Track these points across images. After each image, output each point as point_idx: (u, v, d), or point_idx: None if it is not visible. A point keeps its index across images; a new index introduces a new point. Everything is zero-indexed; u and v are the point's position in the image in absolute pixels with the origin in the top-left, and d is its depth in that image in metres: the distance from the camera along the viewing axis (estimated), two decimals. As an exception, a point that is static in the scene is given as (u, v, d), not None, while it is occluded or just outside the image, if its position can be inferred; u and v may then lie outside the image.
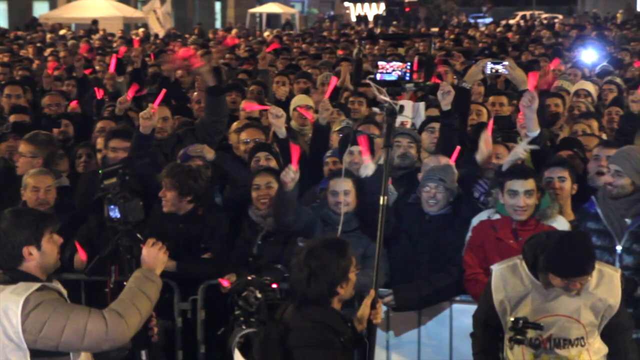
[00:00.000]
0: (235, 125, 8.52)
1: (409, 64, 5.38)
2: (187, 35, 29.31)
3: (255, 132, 7.95)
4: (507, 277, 5.02)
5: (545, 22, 42.99)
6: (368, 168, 6.22)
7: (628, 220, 5.95)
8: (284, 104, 9.92)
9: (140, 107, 10.26)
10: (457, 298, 6.29)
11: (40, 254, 4.48)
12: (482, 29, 34.02)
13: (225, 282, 5.57)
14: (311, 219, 6.42)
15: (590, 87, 10.30)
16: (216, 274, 6.18)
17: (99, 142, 7.76)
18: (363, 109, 10.01)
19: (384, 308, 6.24)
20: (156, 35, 28.22)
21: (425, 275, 6.22)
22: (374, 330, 5.06)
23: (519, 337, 4.96)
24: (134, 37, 28.55)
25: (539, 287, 4.90)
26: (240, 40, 26.31)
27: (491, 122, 7.19)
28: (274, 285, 4.97)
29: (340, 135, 7.82)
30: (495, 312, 5.09)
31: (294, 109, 9.46)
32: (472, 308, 6.10)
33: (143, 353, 4.81)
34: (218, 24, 47.04)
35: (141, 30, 30.83)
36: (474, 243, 6.10)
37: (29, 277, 4.44)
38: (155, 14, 30.02)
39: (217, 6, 49.69)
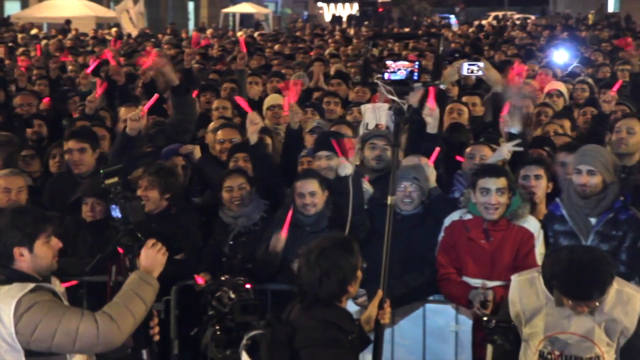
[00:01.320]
0: (212, 125, 8.51)
1: (416, 63, 5.36)
2: (160, 35, 29.21)
3: (230, 132, 7.93)
4: (523, 290, 4.91)
5: (517, 22, 43.18)
6: (346, 168, 6.22)
7: (593, 220, 6.02)
8: (257, 104, 9.91)
9: (113, 106, 10.24)
10: (431, 298, 6.30)
11: (32, 257, 4.45)
12: (456, 29, 34.15)
13: (200, 280, 5.56)
14: None
15: (562, 87, 10.35)
16: (189, 275, 6.17)
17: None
18: (338, 109, 10.01)
19: (356, 308, 6.25)
20: (129, 35, 28.10)
21: (398, 276, 6.22)
22: (382, 331, 5.03)
23: (494, 337, 4.96)
24: (106, 36, 28.46)
25: (553, 303, 4.76)
26: (213, 40, 26.27)
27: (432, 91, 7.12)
28: (248, 286, 4.97)
29: (313, 135, 7.82)
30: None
31: (267, 109, 9.45)
32: (445, 308, 6.14)
33: (144, 352, 4.75)
34: (191, 24, 46.91)
35: (114, 30, 30.69)
36: (446, 243, 6.12)
37: (23, 277, 4.41)
38: (128, 13, 29.87)
39: (191, 6, 49.52)
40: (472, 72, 7.37)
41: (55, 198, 7.21)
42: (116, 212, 4.82)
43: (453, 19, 50.36)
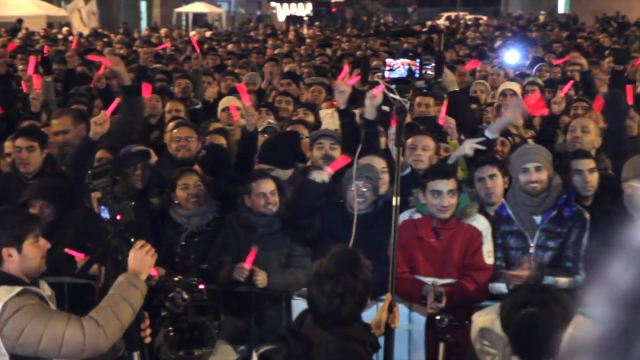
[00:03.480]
0: (171, 125, 8.48)
1: (417, 60, 5.31)
2: (112, 35, 29.01)
3: (186, 131, 7.88)
4: (483, 332, 4.88)
5: (470, 23, 43.52)
6: (323, 175, 6.16)
7: (537, 219, 6.10)
8: (212, 105, 9.88)
9: (66, 106, 10.15)
10: (383, 297, 6.31)
11: (21, 257, 4.37)
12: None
13: (154, 271, 5.52)
14: None
15: (516, 87, 10.44)
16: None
17: (7, 146, 7.64)
18: (290, 108, 10.02)
19: (306, 307, 6.25)
20: (80, 34, 27.86)
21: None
22: (392, 335, 4.98)
23: (446, 336, 4.99)
24: (59, 36, 28.19)
25: (509, 349, 4.50)
26: (167, 39, 26.14)
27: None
28: (201, 286, 4.95)
29: (265, 135, 7.82)
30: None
31: (222, 110, 9.42)
32: (399, 306, 6.15)
33: (135, 355, 4.69)
34: (144, 23, 46.64)
35: (65, 29, 30.43)
36: (399, 242, 6.14)
37: (11, 280, 4.32)
38: (79, 13, 29.65)
39: (143, 5, 49.25)
40: (426, 72, 7.38)
41: (1, 200, 7.11)
42: (105, 213, 4.76)
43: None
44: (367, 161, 6.72)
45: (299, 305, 6.40)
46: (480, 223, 6.08)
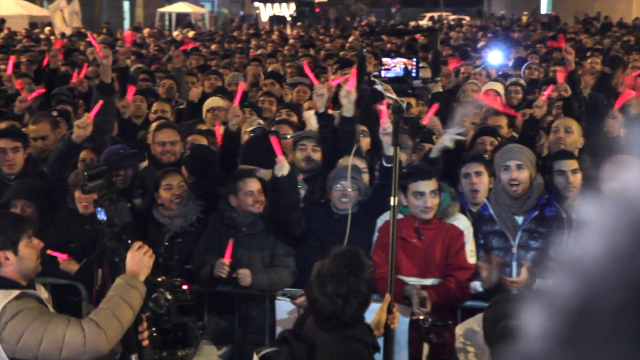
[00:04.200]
0: (154, 125, 8.45)
1: (414, 59, 5.30)
2: (95, 35, 28.91)
3: (170, 133, 7.83)
4: (467, 342, 4.89)
5: (452, 23, 43.61)
6: (283, 168, 6.18)
7: (519, 219, 6.12)
8: (197, 106, 9.85)
9: (49, 106, 10.13)
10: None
11: (18, 259, 4.34)
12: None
13: None
14: None
15: (499, 87, 10.45)
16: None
17: None
18: (273, 108, 10.01)
19: (290, 307, 6.26)
20: (63, 34, 27.76)
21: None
22: (392, 336, 4.97)
23: (430, 336, 4.99)
24: (41, 36, 28.08)
25: None
26: (150, 39, 26.07)
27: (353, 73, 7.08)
28: (185, 287, 4.94)
29: (252, 135, 7.81)
30: None
31: (207, 111, 9.39)
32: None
33: (133, 357, 4.68)
34: (127, 24, 46.52)
35: (47, 29, 30.31)
36: (381, 242, 6.15)
37: (7, 283, 4.29)
38: (61, 12, 29.54)
39: (126, 5, 49.12)
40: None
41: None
42: (101, 215, 4.73)
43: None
44: (348, 161, 6.72)
45: (282, 305, 6.40)
46: (462, 222, 6.10)
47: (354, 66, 9.01)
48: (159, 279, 4.93)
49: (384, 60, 5.28)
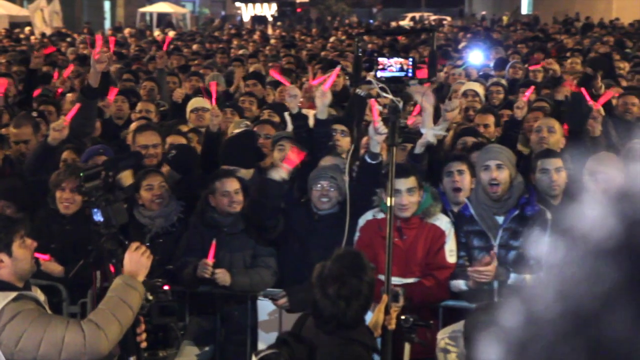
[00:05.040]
0: (134, 126, 8.41)
1: (410, 60, 5.29)
2: (76, 35, 28.81)
3: (151, 136, 7.68)
4: (447, 348, 4.89)
5: (434, 23, 43.70)
6: (283, 173, 6.12)
7: (500, 219, 6.15)
8: (181, 106, 9.82)
9: (30, 106, 10.10)
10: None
11: (12, 261, 4.31)
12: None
13: (112, 268, 5.48)
14: None
15: (478, 88, 10.48)
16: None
17: None
18: (254, 108, 10.00)
19: (271, 307, 6.26)
20: (43, 34, 27.65)
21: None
22: (389, 337, 4.94)
23: (411, 335, 5.00)
24: (21, 36, 27.94)
25: None
26: (131, 39, 26.00)
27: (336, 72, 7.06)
28: (166, 287, 4.93)
29: (231, 135, 7.80)
30: None
31: (191, 111, 9.34)
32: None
33: (132, 359, 4.67)
34: (107, 23, 46.37)
35: (27, 29, 30.17)
36: (362, 242, 6.15)
37: (4, 286, 4.26)
38: (41, 12, 29.43)
39: (107, 5, 48.96)
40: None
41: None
42: (98, 216, 4.70)
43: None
44: (328, 161, 6.73)
45: (264, 305, 6.40)
46: (443, 222, 6.11)
47: (338, 67, 9.00)
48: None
49: (380, 60, 5.29)
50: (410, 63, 5.26)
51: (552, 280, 0.91)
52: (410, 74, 5.25)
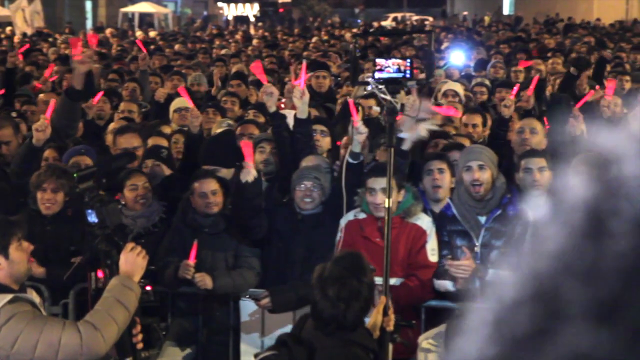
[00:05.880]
0: (112, 126, 8.37)
1: (408, 60, 5.29)
2: (57, 35, 28.68)
3: (130, 139, 7.64)
4: (431, 348, 4.86)
5: (415, 24, 43.77)
6: (249, 174, 6.12)
7: (482, 218, 6.17)
8: (164, 106, 9.79)
9: (10, 106, 10.06)
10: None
11: (9, 263, 4.29)
12: (355, 30, 34.45)
13: (101, 273, 5.46)
14: None
15: (458, 88, 10.49)
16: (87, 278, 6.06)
17: None
18: (236, 108, 9.98)
19: (254, 308, 6.25)
20: (24, 34, 27.50)
21: (300, 275, 6.25)
22: (387, 338, 4.93)
23: (394, 335, 5.00)
24: (1, 35, 27.80)
25: None
26: (113, 39, 25.91)
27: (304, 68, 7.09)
28: (148, 288, 4.92)
29: (212, 135, 7.79)
30: None
31: (174, 111, 9.31)
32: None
33: None
34: (89, 23, 46.20)
35: (8, 29, 30.01)
36: (345, 242, 6.15)
37: (0, 288, 4.24)
38: (22, 12, 29.28)
39: (88, 5, 48.76)
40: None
41: None
42: (92, 217, 4.68)
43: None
44: (311, 161, 6.72)
45: (247, 306, 6.39)
46: (425, 222, 6.12)
47: (304, 62, 9.01)
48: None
49: (378, 61, 5.30)
50: (408, 64, 5.27)
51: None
52: (408, 75, 5.26)
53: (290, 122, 7.00)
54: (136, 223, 6.66)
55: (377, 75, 5.26)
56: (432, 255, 6.07)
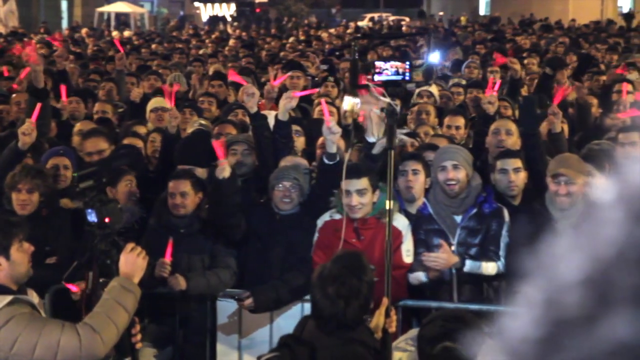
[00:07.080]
0: (79, 127, 8.32)
1: (407, 63, 5.30)
2: (32, 35, 28.53)
3: (98, 142, 7.57)
4: (407, 348, 4.86)
5: (392, 24, 43.86)
6: (224, 170, 6.13)
7: (458, 218, 6.20)
8: (139, 106, 9.75)
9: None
10: (308, 297, 6.33)
11: (10, 264, 4.26)
12: (332, 30, 34.49)
13: (74, 288, 5.44)
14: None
15: (433, 89, 10.50)
16: (62, 278, 6.03)
17: None
18: (213, 109, 9.96)
19: (231, 309, 6.24)
20: (-1, 34, 27.38)
21: (278, 275, 6.25)
22: (390, 339, 4.93)
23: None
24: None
25: None
26: (89, 39, 25.80)
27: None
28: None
29: (186, 135, 7.77)
30: None
31: (151, 111, 9.28)
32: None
33: None
34: (65, 23, 45.96)
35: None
36: (321, 243, 6.16)
37: (0, 289, 4.21)
38: (-3, 12, 29.13)
39: (64, 5, 48.51)
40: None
41: None
42: (92, 217, 4.65)
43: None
44: (289, 161, 6.73)
45: (224, 306, 6.38)
46: (400, 222, 6.12)
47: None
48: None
49: (377, 63, 5.32)
50: (407, 67, 5.28)
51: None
52: (407, 77, 5.27)
53: (271, 123, 7.01)
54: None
55: (376, 77, 5.29)
56: (407, 257, 6.09)
